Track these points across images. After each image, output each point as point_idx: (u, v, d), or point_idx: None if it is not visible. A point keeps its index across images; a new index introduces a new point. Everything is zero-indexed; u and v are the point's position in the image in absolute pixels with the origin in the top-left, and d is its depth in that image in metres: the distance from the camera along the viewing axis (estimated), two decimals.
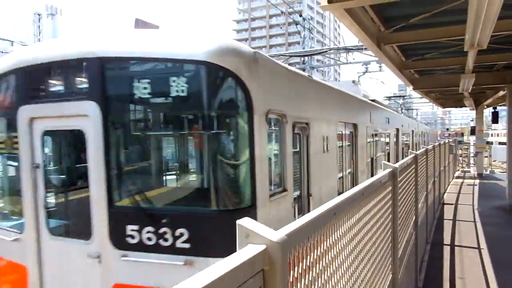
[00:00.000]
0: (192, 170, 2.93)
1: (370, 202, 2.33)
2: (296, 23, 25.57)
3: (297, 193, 4.05)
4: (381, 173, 2.77)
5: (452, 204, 12.35)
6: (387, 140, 9.00)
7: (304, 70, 24.69)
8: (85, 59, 2.89)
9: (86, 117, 2.88)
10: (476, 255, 7.30)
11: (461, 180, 18.54)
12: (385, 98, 48.94)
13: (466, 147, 29.34)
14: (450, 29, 7.08)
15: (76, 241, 3.12)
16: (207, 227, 2.64)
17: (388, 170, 3.18)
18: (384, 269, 2.81)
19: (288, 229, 1.20)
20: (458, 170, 23.16)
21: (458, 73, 10.64)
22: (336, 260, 1.67)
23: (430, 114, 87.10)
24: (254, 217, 2.78)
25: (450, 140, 19.59)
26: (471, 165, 24.85)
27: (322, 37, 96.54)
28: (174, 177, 3.02)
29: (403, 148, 11.75)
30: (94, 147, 2.90)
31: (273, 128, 3.30)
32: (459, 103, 20.70)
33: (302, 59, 24.23)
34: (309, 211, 4.25)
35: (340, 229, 1.71)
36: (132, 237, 2.82)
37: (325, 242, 1.50)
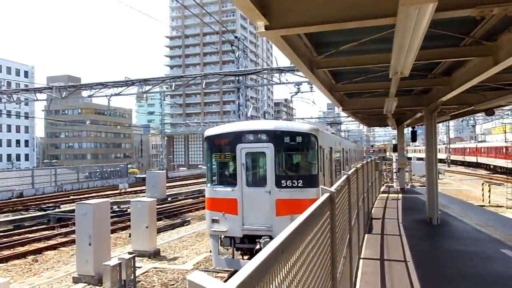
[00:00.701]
0: (303, 162, 9.07)
1: (313, 229, 2.46)
2: (231, 43, 25.87)
3: (328, 172, 10.48)
4: (320, 198, 3.13)
5: (379, 218, 12.75)
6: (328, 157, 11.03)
7: (238, 89, 25.42)
8: (264, 130, 8.97)
9: (267, 148, 8.69)
10: (403, 268, 7.67)
11: (386, 195, 19.03)
12: (316, 118, 50.75)
13: (390, 163, 30.86)
14: (377, 57, 7.47)
15: (259, 188, 8.90)
16: (308, 178, 8.59)
17: (326, 195, 3.28)
18: (325, 286, 3.07)
19: (238, 279, 1.16)
20: (383, 185, 24.11)
21: (383, 96, 11.23)
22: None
23: (356, 131, 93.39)
24: (317, 178, 8.73)
25: (375, 157, 20.63)
26: (395, 180, 25.85)
27: (255, 57, 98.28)
28: (297, 165, 9.13)
29: (335, 165, 12.38)
30: (270, 157, 8.72)
31: (323, 150, 9.57)
32: (383, 123, 21.84)
33: (237, 78, 24.49)
34: (324, 176, 9.69)
35: (288, 263, 1.73)
36: (282, 183, 8.65)
37: (276, 279, 1.51)
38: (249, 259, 3.80)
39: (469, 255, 8.53)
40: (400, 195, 18.97)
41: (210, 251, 10.96)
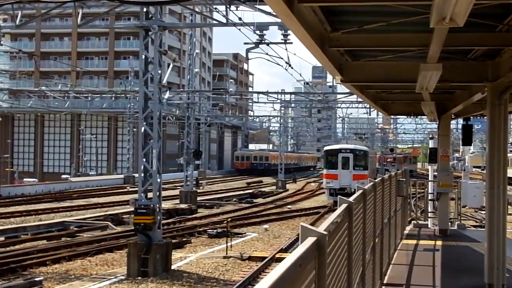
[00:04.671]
0: (361, 163, 30.07)
1: None
2: None
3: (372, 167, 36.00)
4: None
5: (400, 286, 7.69)
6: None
7: (147, 31, 14.10)
8: (348, 148, 30.80)
9: (350, 155, 29.62)
10: None
11: (414, 241, 11.93)
12: (291, 95, 42.82)
13: (422, 181, 18.27)
14: None
15: (346, 170, 29.08)
16: (364, 166, 29.85)
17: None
18: None
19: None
20: (410, 223, 14.77)
21: (415, 60, 7.03)
22: None
23: (364, 122, 60.67)
24: (367, 168, 30.04)
25: (395, 169, 13.78)
26: (430, 214, 15.50)
27: None
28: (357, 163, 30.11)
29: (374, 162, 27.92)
30: (351, 159, 29.86)
31: (370, 157, 32.77)
32: (413, 109, 13.50)
33: (144, 9, 17.63)
34: (370, 167, 32.24)
35: None
36: (355, 167, 29.58)
37: None
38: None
39: None
40: (440, 243, 11.82)
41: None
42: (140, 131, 14.15)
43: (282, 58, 21.74)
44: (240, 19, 12.24)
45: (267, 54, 17.29)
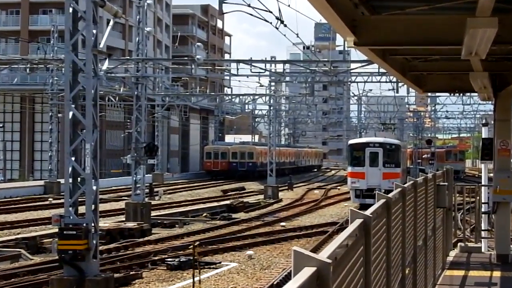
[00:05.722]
0: (393, 159, 39.31)
1: None
2: None
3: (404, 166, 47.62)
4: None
5: None
6: None
7: None
8: (377, 142, 38.99)
9: (380, 149, 37.89)
10: None
11: (461, 272, 12.09)
12: (285, 64, 43.48)
13: (472, 187, 18.51)
14: None
15: (375, 167, 37.31)
16: (396, 163, 38.85)
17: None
18: None
19: None
20: (455, 246, 15.36)
21: (460, 13, 7.53)
22: None
23: (389, 102, 59.99)
24: (399, 165, 39.08)
25: (434, 169, 14.04)
26: (484, 233, 15.60)
27: None
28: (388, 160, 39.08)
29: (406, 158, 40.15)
30: (380, 154, 37.97)
31: (402, 152, 43.85)
32: (458, 84, 13.99)
33: None
34: (402, 165, 42.43)
35: None
36: (385, 164, 37.53)
37: None
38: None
39: None
40: (498, 274, 12.04)
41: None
42: (67, 117, 14.07)
43: (271, 12, 19.59)
44: None
45: (249, 6, 17.21)
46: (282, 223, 29.44)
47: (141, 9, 32.46)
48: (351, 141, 40.31)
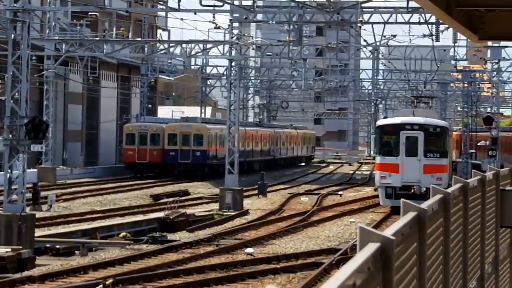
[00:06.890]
0: (437, 147, 70.92)
1: None
2: None
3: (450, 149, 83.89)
4: None
5: None
6: None
7: None
8: (417, 124, 67.97)
9: (420, 134, 67.32)
10: None
11: None
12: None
13: None
14: None
15: (413, 157, 67.16)
16: (442, 153, 70.54)
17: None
18: None
19: None
20: None
21: None
22: None
23: (424, 56, 68.97)
24: (446, 155, 71.60)
25: (501, 165, 15.16)
26: None
27: None
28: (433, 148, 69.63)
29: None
30: (420, 140, 67.47)
31: (450, 137, 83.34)
32: None
33: None
34: (449, 153, 77.57)
35: None
36: (427, 154, 69.12)
37: None
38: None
39: None
40: None
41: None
42: None
43: None
44: None
45: None
46: (249, 250, 29.54)
47: None
48: (380, 122, 54.38)
